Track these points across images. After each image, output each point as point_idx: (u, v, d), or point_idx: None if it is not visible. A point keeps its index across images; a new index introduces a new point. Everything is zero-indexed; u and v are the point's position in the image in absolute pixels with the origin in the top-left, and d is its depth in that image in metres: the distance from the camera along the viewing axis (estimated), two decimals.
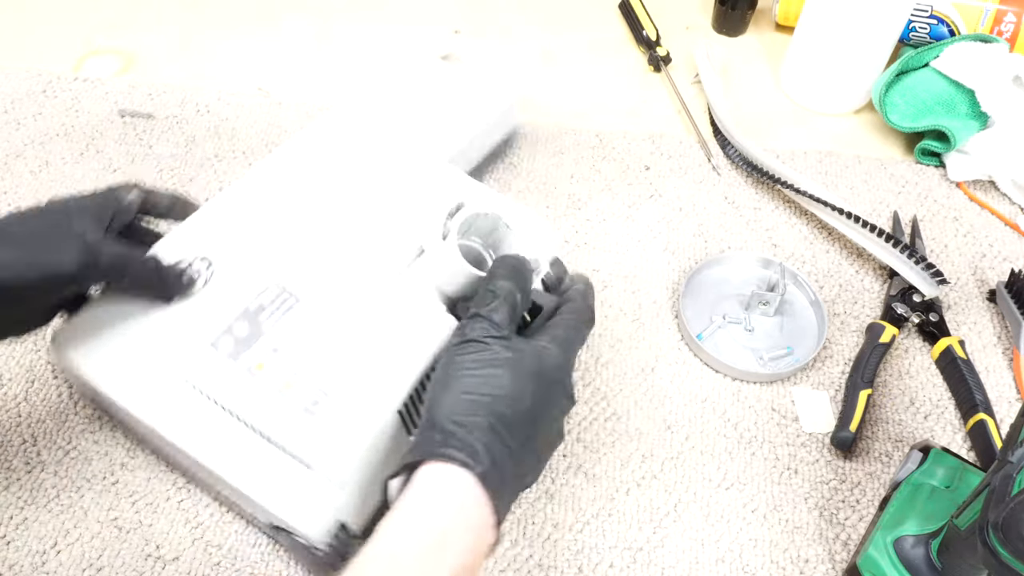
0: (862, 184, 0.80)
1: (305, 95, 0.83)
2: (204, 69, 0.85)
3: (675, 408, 0.63)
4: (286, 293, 0.52)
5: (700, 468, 0.60)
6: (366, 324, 0.52)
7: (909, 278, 0.69)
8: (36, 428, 0.59)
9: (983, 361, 0.67)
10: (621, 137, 0.82)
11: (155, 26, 0.90)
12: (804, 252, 0.74)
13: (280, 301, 0.52)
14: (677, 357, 0.66)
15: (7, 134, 0.78)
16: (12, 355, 0.63)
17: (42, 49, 0.86)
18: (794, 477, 0.60)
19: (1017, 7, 0.83)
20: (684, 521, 0.58)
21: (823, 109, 0.86)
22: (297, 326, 0.51)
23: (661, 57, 0.88)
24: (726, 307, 0.69)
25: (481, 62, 0.69)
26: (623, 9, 0.95)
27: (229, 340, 0.50)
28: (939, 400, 0.65)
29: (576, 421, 0.62)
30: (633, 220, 0.75)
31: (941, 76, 0.80)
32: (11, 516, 0.55)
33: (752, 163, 0.77)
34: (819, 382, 0.66)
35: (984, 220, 0.78)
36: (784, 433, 0.63)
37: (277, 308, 0.52)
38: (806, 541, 0.58)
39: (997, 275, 0.73)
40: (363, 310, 0.53)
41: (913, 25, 0.86)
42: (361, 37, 0.90)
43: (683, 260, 0.72)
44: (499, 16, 0.94)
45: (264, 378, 0.49)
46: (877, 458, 0.62)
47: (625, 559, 0.56)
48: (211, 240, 0.55)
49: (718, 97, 0.84)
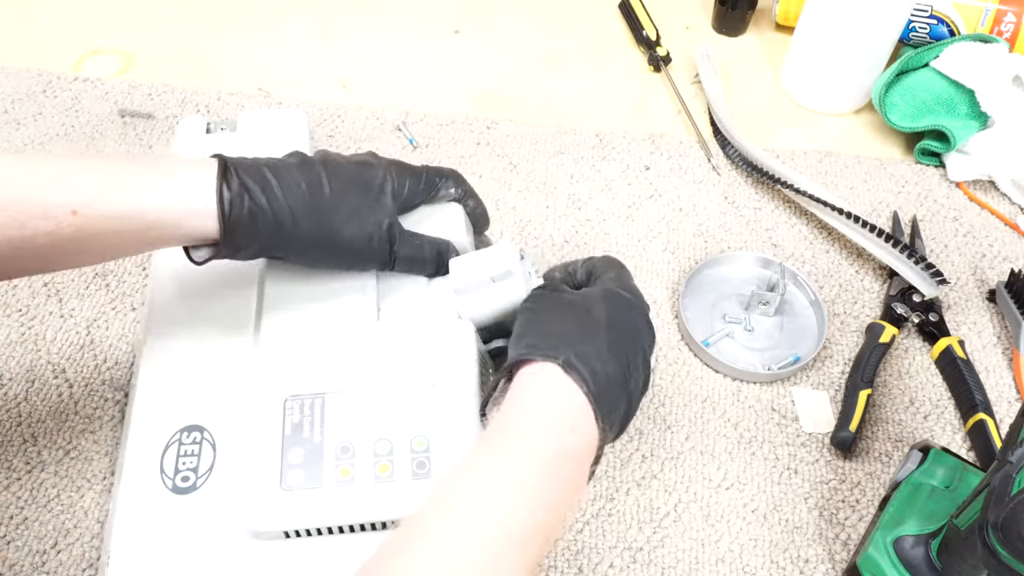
0: (862, 184, 0.80)
1: (305, 95, 0.83)
2: (204, 69, 0.85)
3: (675, 408, 0.63)
4: (308, 398, 0.49)
5: (700, 468, 0.60)
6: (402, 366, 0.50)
7: (909, 278, 0.69)
8: (36, 428, 0.59)
9: (983, 361, 0.67)
10: (621, 137, 0.82)
11: (155, 26, 0.90)
12: (804, 252, 0.74)
13: (310, 409, 0.48)
14: (677, 357, 0.66)
15: (7, 134, 0.78)
16: (12, 355, 0.63)
17: (42, 49, 0.86)
18: (794, 477, 0.60)
19: (1017, 7, 0.83)
20: (684, 521, 0.58)
21: (823, 109, 0.86)
22: (343, 416, 0.48)
23: (661, 57, 0.88)
24: (726, 307, 0.69)
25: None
26: (623, 9, 0.95)
27: (294, 472, 0.46)
28: (939, 400, 0.65)
29: None
30: (633, 220, 0.75)
31: (941, 76, 0.80)
32: (11, 516, 0.55)
33: (752, 163, 0.77)
34: (819, 382, 0.66)
35: (984, 220, 0.78)
36: (784, 433, 0.63)
37: (312, 415, 0.48)
38: (806, 541, 0.58)
39: (997, 275, 0.73)
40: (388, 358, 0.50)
41: (913, 25, 0.86)
42: (361, 37, 0.90)
43: (683, 260, 0.72)
44: (499, 16, 0.94)
45: (357, 478, 0.46)
46: (877, 458, 0.62)
47: (625, 559, 0.56)
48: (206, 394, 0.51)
49: (718, 97, 0.84)
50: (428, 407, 0.49)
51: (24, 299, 0.66)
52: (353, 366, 0.50)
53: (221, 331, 0.53)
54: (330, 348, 0.51)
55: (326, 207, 0.49)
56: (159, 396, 0.51)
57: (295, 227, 0.48)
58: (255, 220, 0.47)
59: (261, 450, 0.47)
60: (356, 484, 0.46)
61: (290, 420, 0.48)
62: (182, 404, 0.51)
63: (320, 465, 0.46)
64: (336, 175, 0.50)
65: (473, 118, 0.82)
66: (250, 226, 0.47)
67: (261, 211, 0.47)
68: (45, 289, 0.66)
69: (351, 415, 0.48)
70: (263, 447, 0.47)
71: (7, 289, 0.66)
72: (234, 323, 0.54)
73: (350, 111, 0.82)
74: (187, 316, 0.54)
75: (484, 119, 0.82)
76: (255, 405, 0.49)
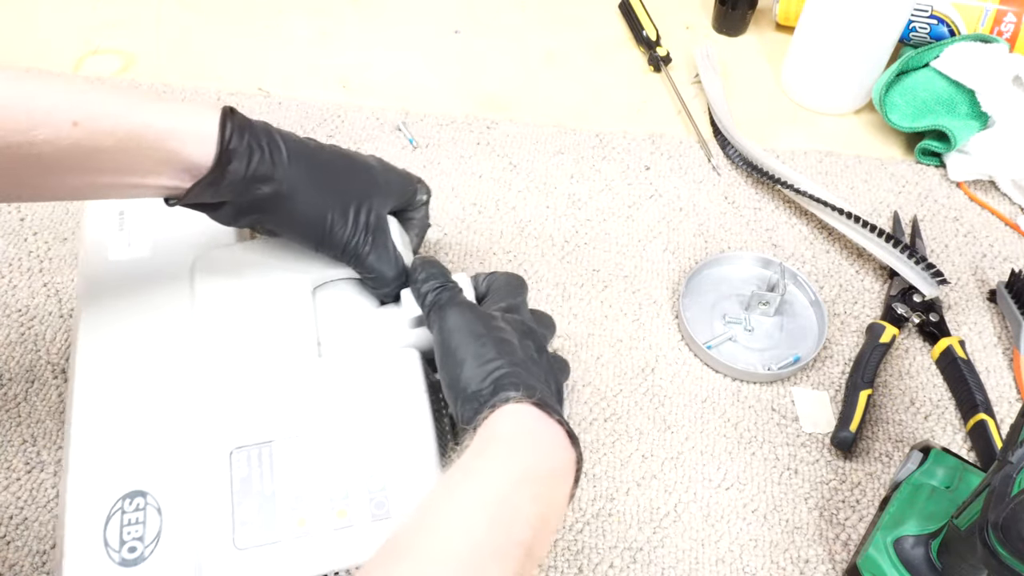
0: (862, 184, 0.80)
1: (305, 95, 0.83)
2: (204, 69, 0.85)
3: (675, 408, 0.63)
4: (255, 447, 0.46)
5: (700, 468, 0.60)
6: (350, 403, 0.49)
7: (909, 278, 0.69)
8: (36, 428, 0.59)
9: (983, 361, 0.67)
10: (621, 137, 0.82)
11: (155, 26, 0.90)
12: (804, 252, 0.74)
13: (257, 459, 0.46)
14: (677, 357, 0.66)
15: None
16: (12, 355, 0.63)
17: (42, 49, 0.86)
18: (794, 477, 0.60)
19: (1017, 7, 0.83)
20: (684, 521, 0.58)
21: (823, 109, 0.86)
22: (294, 463, 0.46)
23: (661, 57, 0.88)
24: (726, 307, 0.69)
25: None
26: (623, 9, 0.95)
27: (248, 529, 0.44)
28: (939, 400, 0.65)
29: (576, 421, 0.62)
30: (633, 220, 0.75)
31: (941, 76, 0.80)
32: (11, 516, 0.55)
33: (752, 163, 0.77)
34: (819, 382, 0.66)
35: (984, 220, 0.77)
36: (784, 433, 0.63)
37: (261, 465, 0.46)
38: (806, 541, 0.58)
39: (997, 275, 0.73)
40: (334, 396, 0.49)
41: (913, 25, 0.86)
42: (361, 37, 0.90)
43: (683, 260, 0.72)
44: (499, 16, 0.94)
45: (314, 526, 0.44)
46: (877, 458, 0.62)
47: (625, 559, 0.56)
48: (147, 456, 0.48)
49: (718, 97, 0.84)
50: (381, 444, 0.47)
51: (24, 299, 0.66)
52: (299, 408, 0.48)
53: (154, 384, 0.50)
54: (273, 392, 0.48)
55: (318, 168, 0.50)
56: (94, 463, 0.47)
57: (285, 174, 0.48)
58: (251, 154, 0.47)
59: (210, 510, 0.44)
60: (314, 534, 0.44)
61: (238, 473, 0.45)
62: (120, 469, 0.47)
63: (274, 517, 0.44)
64: (335, 152, 0.52)
65: (473, 118, 0.82)
66: (244, 158, 0.47)
67: (258, 147, 0.47)
68: (45, 289, 0.66)
69: (302, 461, 0.46)
70: (212, 506, 0.44)
71: (7, 289, 0.66)
72: (167, 373, 0.50)
73: (350, 111, 0.82)
74: (115, 369, 0.50)
75: (484, 119, 0.82)
76: (199, 461, 0.46)
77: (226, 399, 0.48)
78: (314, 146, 0.51)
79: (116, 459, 0.47)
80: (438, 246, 0.72)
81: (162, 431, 0.48)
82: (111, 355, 0.51)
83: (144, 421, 0.48)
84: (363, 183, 0.52)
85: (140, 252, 0.55)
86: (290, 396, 0.48)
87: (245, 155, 0.47)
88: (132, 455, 0.47)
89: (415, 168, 0.78)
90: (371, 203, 0.52)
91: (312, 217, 0.50)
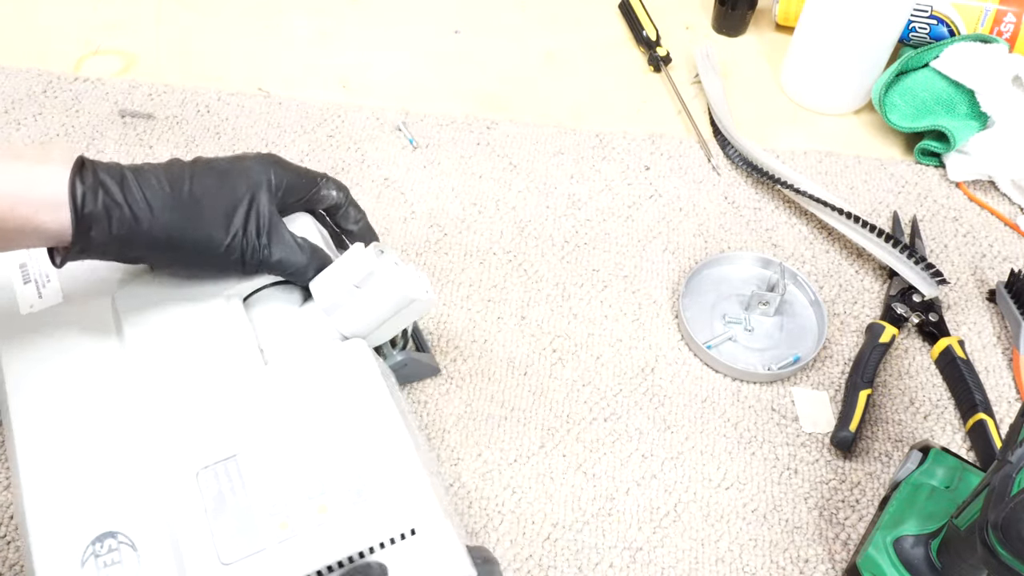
0: (862, 184, 0.80)
1: (305, 95, 0.83)
2: (204, 69, 0.86)
3: (675, 408, 0.63)
4: (220, 464, 0.45)
5: (700, 468, 0.61)
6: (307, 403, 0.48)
7: (909, 278, 0.69)
8: None
9: (983, 361, 0.67)
10: (621, 137, 0.82)
11: (155, 26, 0.90)
12: (804, 252, 0.74)
13: (225, 474, 0.45)
14: (677, 357, 0.66)
15: (7, 134, 0.78)
16: None
17: (42, 49, 0.86)
18: (794, 477, 0.60)
19: (1017, 7, 0.83)
20: (684, 521, 0.58)
21: (823, 109, 0.86)
22: (263, 471, 0.45)
23: (661, 57, 0.88)
24: (726, 307, 0.69)
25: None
26: (623, 9, 0.95)
27: (230, 543, 0.43)
28: (939, 400, 0.65)
29: (576, 421, 0.62)
30: (633, 220, 0.75)
31: (941, 76, 0.80)
32: (11, 516, 0.55)
33: (752, 163, 0.77)
34: (819, 382, 0.66)
35: (984, 220, 0.78)
36: (784, 433, 0.63)
37: (231, 479, 0.45)
38: (806, 541, 0.58)
39: (997, 275, 0.73)
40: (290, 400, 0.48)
41: (913, 25, 0.86)
42: (361, 37, 0.90)
43: (683, 260, 0.73)
44: (499, 16, 0.94)
45: (298, 526, 0.44)
46: (877, 458, 0.62)
47: (625, 559, 0.56)
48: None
49: (718, 97, 0.84)
50: (348, 433, 0.47)
51: None
52: (256, 417, 0.47)
53: (100, 426, 0.48)
54: (227, 407, 0.48)
55: (186, 202, 0.48)
56: (54, 515, 0.45)
57: (152, 223, 0.47)
58: (110, 215, 0.45)
59: (188, 533, 0.43)
60: (299, 534, 0.43)
61: (208, 492, 0.44)
62: (82, 514, 0.45)
63: (255, 526, 0.44)
64: (202, 172, 0.49)
65: (473, 118, 0.82)
66: (104, 221, 0.45)
67: (116, 205, 0.46)
68: None
69: (271, 467, 0.45)
70: (188, 529, 0.43)
71: None
72: (111, 413, 0.49)
73: (350, 111, 0.82)
74: (55, 419, 0.49)
75: (484, 119, 0.82)
76: (165, 489, 0.45)
77: (181, 423, 0.47)
78: (177, 172, 0.49)
79: (76, 505, 0.45)
80: (438, 246, 0.72)
81: (119, 469, 0.47)
82: (47, 406, 0.49)
83: (98, 464, 0.47)
84: (239, 189, 0.50)
85: (53, 300, 0.54)
86: (244, 408, 0.48)
87: (104, 218, 0.45)
88: (93, 498, 0.46)
89: (415, 168, 0.78)
90: (254, 205, 0.50)
91: (199, 248, 0.49)
